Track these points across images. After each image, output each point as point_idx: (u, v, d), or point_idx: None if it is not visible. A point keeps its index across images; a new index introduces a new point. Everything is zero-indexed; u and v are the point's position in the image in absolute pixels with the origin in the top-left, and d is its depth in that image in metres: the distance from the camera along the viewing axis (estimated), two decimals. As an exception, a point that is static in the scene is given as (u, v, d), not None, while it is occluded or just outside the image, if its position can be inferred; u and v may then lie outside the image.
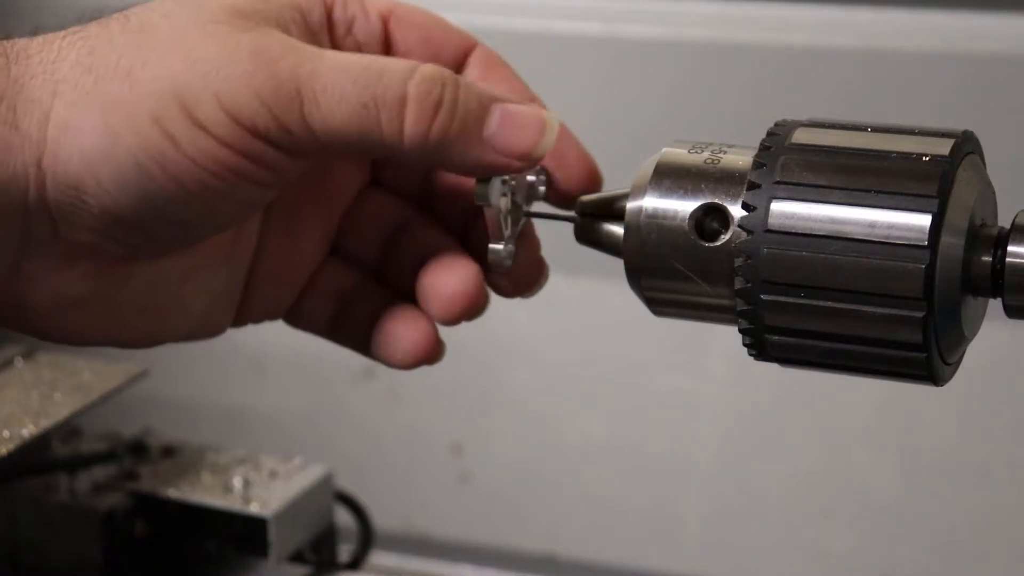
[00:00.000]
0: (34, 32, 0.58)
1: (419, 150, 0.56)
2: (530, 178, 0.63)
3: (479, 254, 0.63)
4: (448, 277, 0.62)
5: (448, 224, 0.66)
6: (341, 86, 0.55)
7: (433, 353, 0.63)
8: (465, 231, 0.65)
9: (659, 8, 1.24)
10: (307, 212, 0.64)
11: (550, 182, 0.64)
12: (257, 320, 0.66)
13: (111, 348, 0.63)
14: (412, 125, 0.56)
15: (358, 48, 0.62)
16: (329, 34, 0.62)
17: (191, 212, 0.57)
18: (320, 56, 0.56)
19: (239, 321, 0.65)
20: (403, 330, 0.63)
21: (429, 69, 0.57)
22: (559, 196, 0.64)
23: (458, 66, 0.63)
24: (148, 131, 0.55)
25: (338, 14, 0.62)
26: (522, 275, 0.64)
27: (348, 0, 0.62)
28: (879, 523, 1.25)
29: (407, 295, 0.64)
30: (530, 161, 0.58)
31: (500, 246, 0.62)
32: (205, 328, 0.64)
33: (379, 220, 0.66)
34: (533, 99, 0.63)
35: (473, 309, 0.62)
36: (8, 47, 0.56)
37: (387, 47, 0.63)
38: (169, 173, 0.55)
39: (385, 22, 0.63)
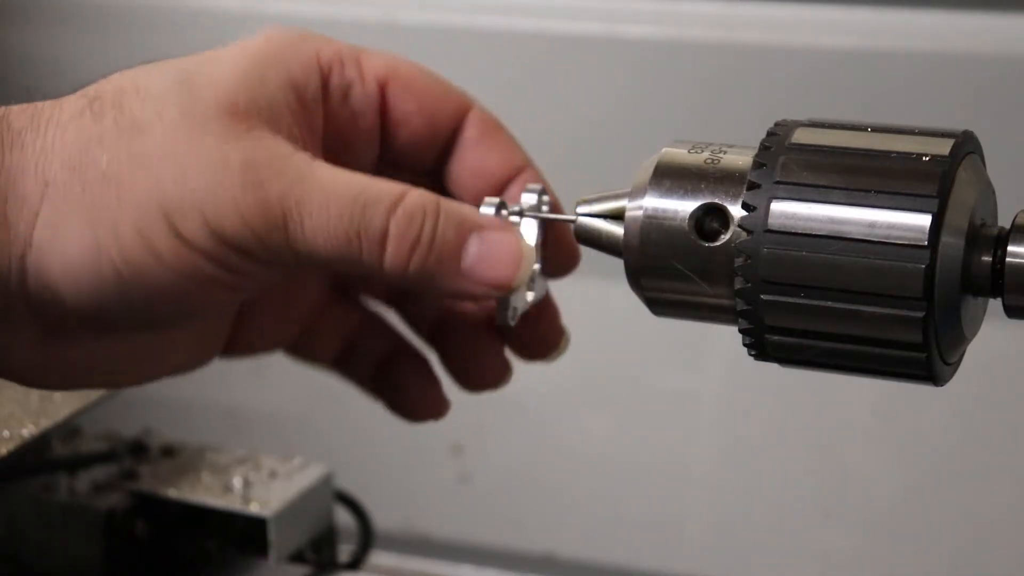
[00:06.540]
0: (28, 96, 0.60)
1: (399, 279, 0.59)
2: (531, 201, 0.64)
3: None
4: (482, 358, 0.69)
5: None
6: (327, 216, 0.57)
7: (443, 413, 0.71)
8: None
9: (659, 8, 1.24)
10: None
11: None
12: (254, 352, 0.68)
13: None
14: (392, 259, 0.58)
15: (353, 119, 0.64)
16: (324, 105, 0.63)
17: (166, 310, 0.59)
18: (310, 178, 0.57)
19: (232, 351, 0.67)
20: (415, 387, 0.70)
21: (412, 202, 0.58)
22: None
23: (455, 129, 0.66)
24: (132, 244, 0.57)
25: (335, 80, 0.64)
26: (539, 339, 0.69)
27: (346, 63, 0.64)
28: (879, 523, 1.25)
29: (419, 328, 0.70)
30: (506, 291, 0.60)
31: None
32: (195, 359, 0.66)
33: None
34: (525, 165, 0.66)
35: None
36: (4, 127, 0.57)
37: (383, 113, 0.65)
38: (149, 284, 0.57)
39: (382, 88, 0.65)
